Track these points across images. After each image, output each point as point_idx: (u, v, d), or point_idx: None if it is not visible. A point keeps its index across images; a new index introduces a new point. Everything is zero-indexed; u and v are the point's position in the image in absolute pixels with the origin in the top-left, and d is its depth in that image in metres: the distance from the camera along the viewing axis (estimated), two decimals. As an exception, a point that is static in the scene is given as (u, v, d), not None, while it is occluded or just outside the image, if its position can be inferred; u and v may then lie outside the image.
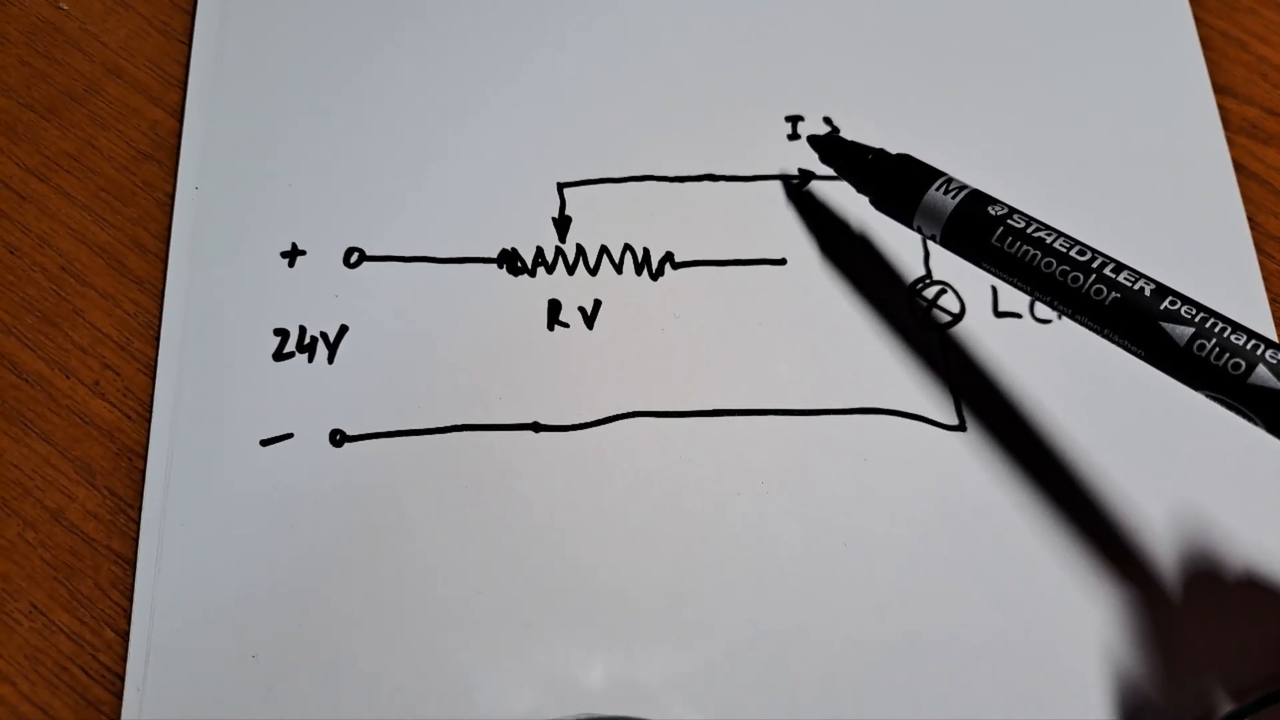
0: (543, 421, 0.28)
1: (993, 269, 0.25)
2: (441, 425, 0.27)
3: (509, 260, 0.29)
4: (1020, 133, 0.31)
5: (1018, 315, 0.29)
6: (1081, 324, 0.24)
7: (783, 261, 0.30)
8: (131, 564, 0.26)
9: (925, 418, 0.28)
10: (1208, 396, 0.22)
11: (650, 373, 0.28)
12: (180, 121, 0.31)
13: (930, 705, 0.25)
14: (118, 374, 0.28)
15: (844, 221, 0.30)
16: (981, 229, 0.25)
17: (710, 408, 0.28)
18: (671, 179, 0.30)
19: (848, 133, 0.31)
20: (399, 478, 0.27)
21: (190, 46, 0.32)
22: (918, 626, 0.26)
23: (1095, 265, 0.23)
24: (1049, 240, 0.24)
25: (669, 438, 0.28)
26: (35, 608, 0.26)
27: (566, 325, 0.29)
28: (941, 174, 0.26)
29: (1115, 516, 0.27)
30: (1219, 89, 0.32)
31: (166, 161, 0.31)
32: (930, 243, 0.30)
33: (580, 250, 0.30)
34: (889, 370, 0.28)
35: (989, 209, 0.25)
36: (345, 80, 0.31)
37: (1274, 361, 0.21)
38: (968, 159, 0.31)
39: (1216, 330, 0.22)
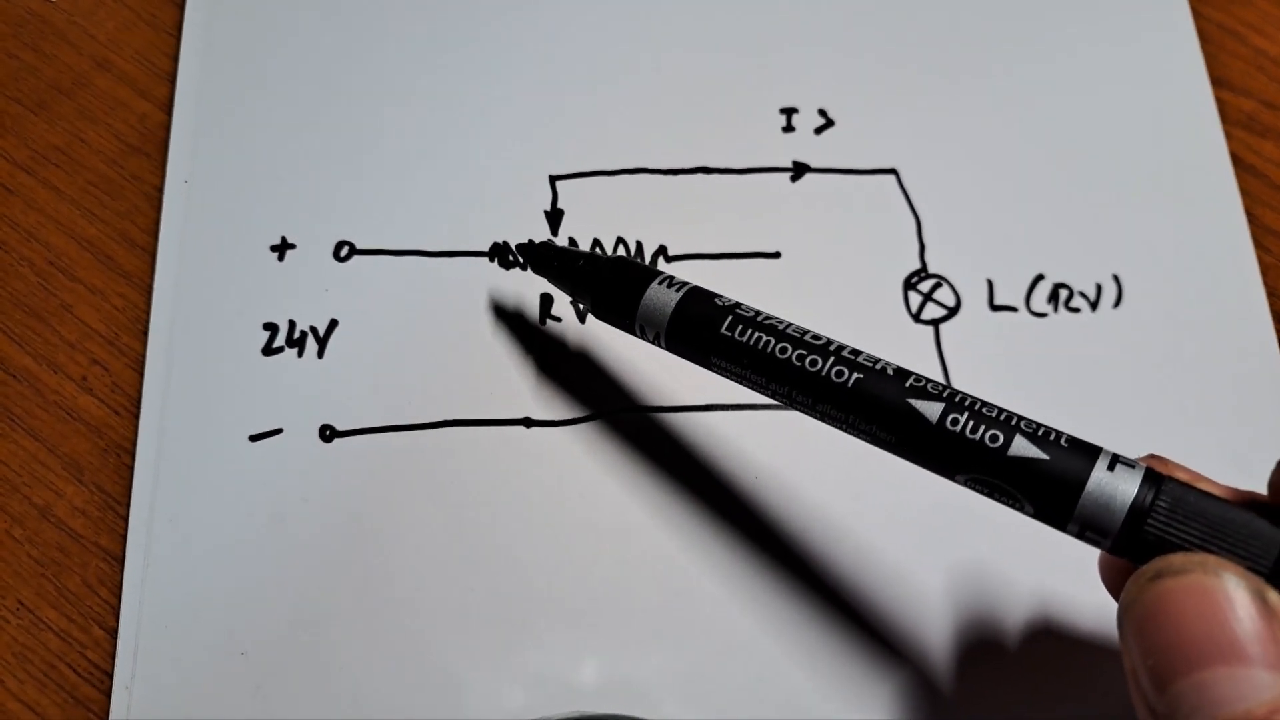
0: (535, 417, 0.27)
1: (723, 364, 0.23)
2: (432, 420, 0.27)
3: (501, 254, 0.29)
4: (1015, 125, 0.31)
5: (1013, 309, 0.29)
6: (823, 417, 0.22)
7: (777, 255, 0.29)
8: (120, 560, 0.26)
9: (920, 412, 0.28)
10: (965, 483, 0.21)
11: (643, 367, 0.28)
12: (169, 115, 0.31)
13: (926, 703, 0.25)
14: (106, 369, 0.28)
15: (839, 215, 0.30)
16: (708, 321, 0.23)
17: (703, 402, 0.28)
18: (665, 172, 0.30)
19: (841, 124, 0.31)
20: (389, 473, 0.27)
21: (179, 39, 0.31)
22: (913, 622, 0.26)
23: (833, 349, 0.22)
24: (781, 327, 0.22)
25: (662, 433, 0.27)
26: (22, 605, 0.26)
27: (559, 319, 0.29)
28: (659, 272, 0.24)
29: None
30: (1216, 81, 0.32)
31: (155, 155, 0.30)
32: (925, 236, 0.30)
33: (573, 243, 0.29)
34: (884, 365, 0.28)
35: (715, 300, 0.23)
36: (335, 73, 0.31)
37: (1029, 430, 0.20)
38: (962, 151, 0.31)
39: (967, 404, 0.20)
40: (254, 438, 0.27)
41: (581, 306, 0.28)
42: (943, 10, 0.32)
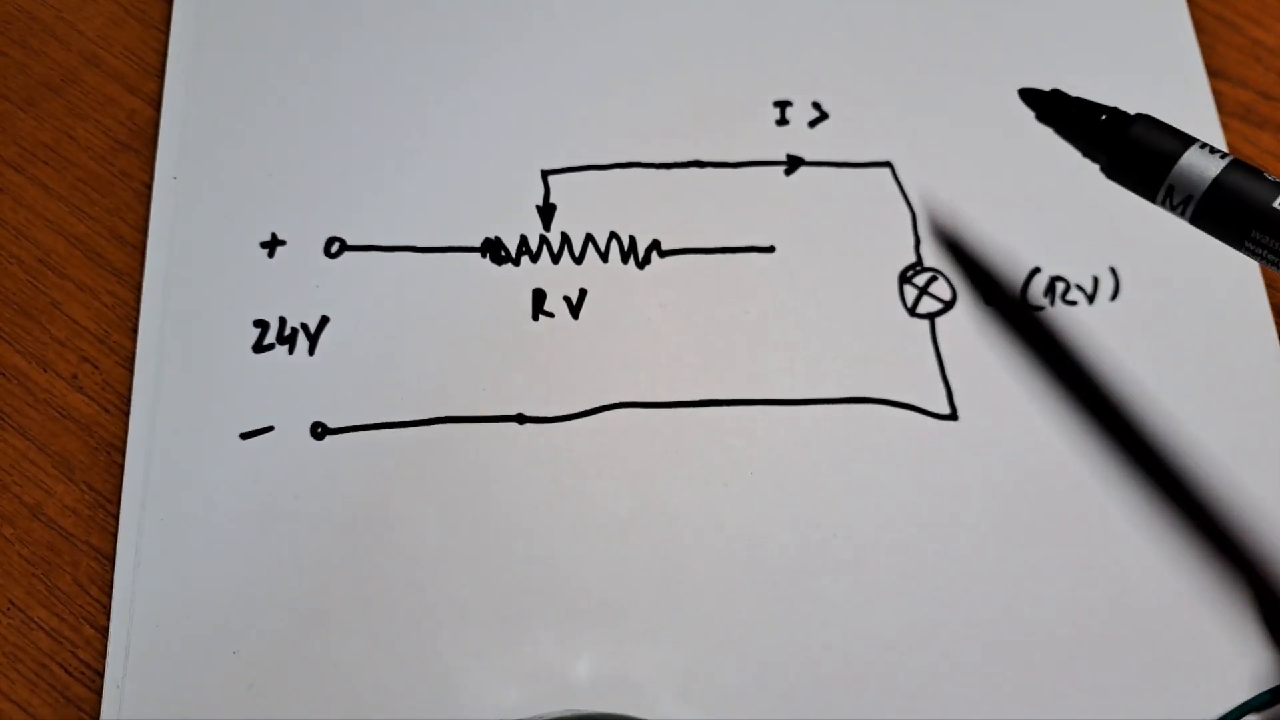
0: (527, 413, 0.27)
1: (1265, 239, 0.22)
2: (424, 417, 0.27)
3: (492, 249, 0.29)
4: (1011, 117, 0.31)
5: (1010, 302, 0.29)
6: None
7: (771, 249, 0.29)
8: (111, 559, 0.26)
9: (916, 407, 0.28)
10: None
11: (637, 363, 0.28)
12: (158, 111, 0.30)
13: (921, 699, 0.25)
14: (96, 367, 0.28)
15: (833, 208, 0.30)
16: (1256, 193, 0.22)
17: (698, 398, 0.28)
18: (658, 166, 0.30)
19: (835, 117, 0.31)
20: (381, 471, 0.27)
21: (168, 35, 0.31)
22: (908, 619, 0.26)
23: None
24: None
25: (656, 428, 0.27)
26: (13, 604, 0.26)
27: (551, 315, 0.28)
28: (1194, 138, 0.24)
29: (1109, 505, 0.27)
30: (1213, 72, 0.32)
31: (144, 151, 0.30)
32: (920, 229, 0.30)
33: (565, 239, 0.29)
34: (879, 359, 0.28)
35: (1263, 174, 0.23)
36: (325, 68, 0.31)
37: None
38: (957, 144, 0.31)
39: None
40: (245, 435, 0.27)
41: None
42: (937, 3, 0.32)
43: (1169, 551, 0.26)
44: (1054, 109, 0.26)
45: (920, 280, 0.29)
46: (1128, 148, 0.24)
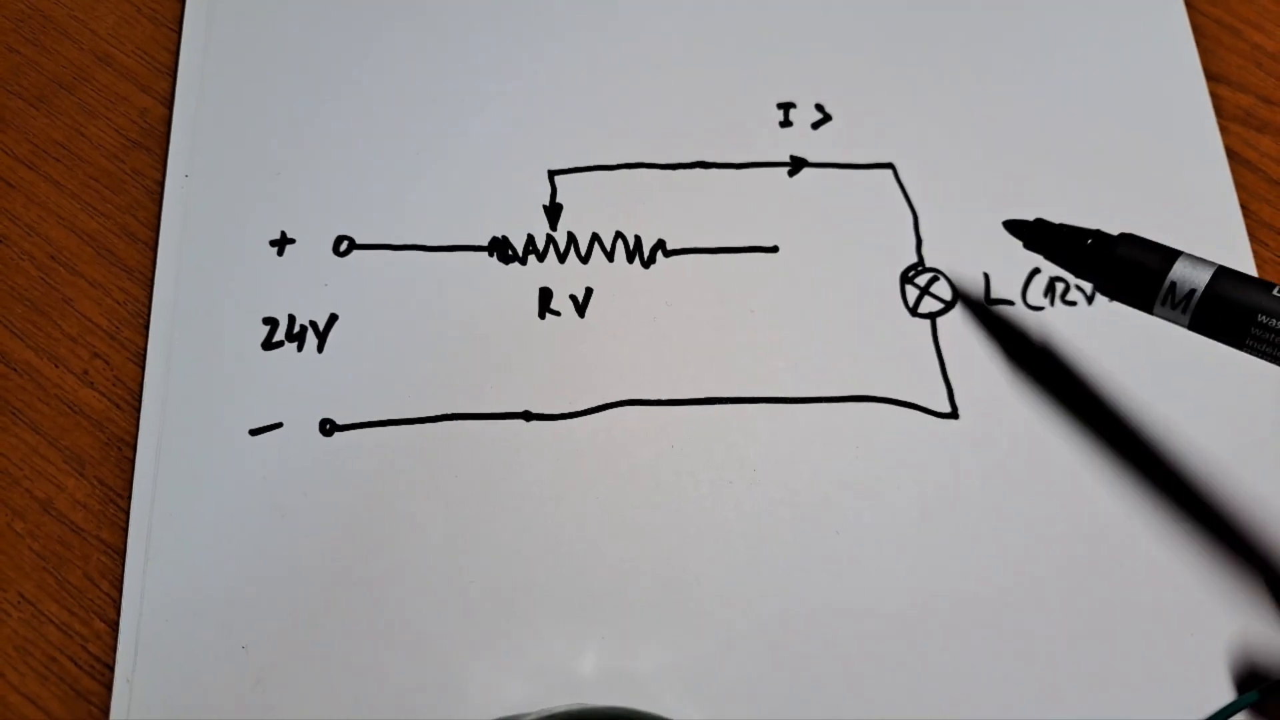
0: (534, 410, 0.28)
1: (1264, 334, 0.23)
2: (432, 414, 0.27)
3: (500, 248, 0.29)
4: (1012, 120, 0.31)
5: (1010, 302, 0.29)
6: None
7: (775, 249, 0.30)
8: (121, 554, 0.26)
9: (918, 405, 0.28)
10: None
11: (642, 361, 0.28)
12: (170, 109, 0.31)
13: (922, 694, 0.25)
14: (107, 363, 0.28)
15: (836, 209, 0.30)
16: (1246, 297, 0.23)
17: (702, 396, 0.28)
18: (663, 166, 0.30)
19: (838, 119, 0.31)
20: (389, 467, 0.27)
21: (180, 34, 0.31)
22: (910, 615, 0.26)
23: None
24: None
25: (661, 426, 0.28)
26: (24, 598, 0.26)
27: (558, 313, 0.29)
28: (1179, 250, 0.24)
29: (1108, 503, 0.27)
30: (1212, 76, 0.32)
31: (156, 149, 0.30)
32: (921, 230, 0.30)
33: (571, 238, 0.29)
34: (881, 358, 0.28)
35: (1249, 278, 0.23)
36: (335, 68, 0.31)
37: None
38: (959, 146, 0.31)
39: None
40: (254, 432, 0.27)
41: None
42: (939, 6, 0.33)
43: (1168, 551, 0.26)
44: (1039, 237, 0.27)
45: (922, 280, 0.29)
46: (1116, 269, 0.25)
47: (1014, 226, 0.27)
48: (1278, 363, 0.23)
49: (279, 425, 0.27)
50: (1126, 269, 0.25)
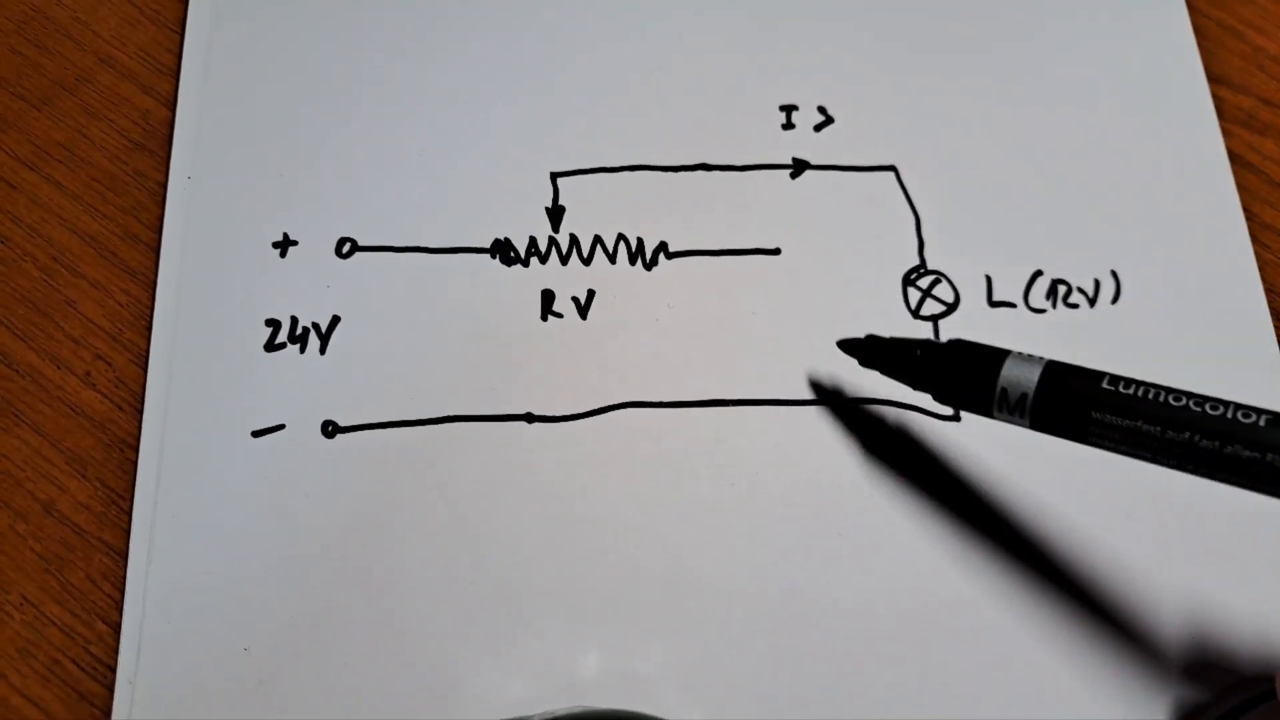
0: (536, 412, 0.28)
1: (1105, 428, 0.22)
2: (434, 416, 0.27)
3: (502, 250, 0.29)
4: (1014, 122, 0.31)
5: (1012, 305, 0.29)
6: (1223, 464, 0.21)
7: (777, 251, 0.30)
8: (123, 556, 0.26)
9: (920, 408, 0.28)
10: None
11: (644, 363, 0.28)
12: (172, 111, 0.31)
13: (924, 696, 0.25)
14: (109, 365, 0.28)
15: (838, 211, 0.30)
16: (1082, 388, 0.22)
17: (704, 398, 0.28)
18: (665, 169, 0.30)
19: (840, 121, 0.31)
20: (391, 469, 0.27)
21: (182, 35, 0.31)
22: (912, 618, 0.26)
23: (1220, 399, 0.21)
24: (1157, 385, 0.21)
25: (663, 428, 0.28)
26: (26, 600, 0.26)
27: (560, 315, 0.29)
28: (1007, 350, 0.24)
29: (1110, 507, 0.27)
30: (1214, 79, 0.32)
31: (158, 151, 0.30)
32: (924, 232, 0.30)
33: (574, 240, 0.29)
34: (884, 361, 0.28)
35: (1081, 369, 0.22)
36: (338, 70, 0.31)
37: None
38: (961, 148, 0.31)
39: None
40: (257, 433, 0.27)
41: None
42: (941, 8, 0.33)
43: (1168, 551, 0.27)
44: (871, 354, 0.26)
45: (924, 283, 0.29)
46: (947, 378, 0.24)
47: (847, 346, 0.27)
48: (1123, 454, 0.22)
49: (281, 427, 0.27)
50: (957, 377, 0.24)
